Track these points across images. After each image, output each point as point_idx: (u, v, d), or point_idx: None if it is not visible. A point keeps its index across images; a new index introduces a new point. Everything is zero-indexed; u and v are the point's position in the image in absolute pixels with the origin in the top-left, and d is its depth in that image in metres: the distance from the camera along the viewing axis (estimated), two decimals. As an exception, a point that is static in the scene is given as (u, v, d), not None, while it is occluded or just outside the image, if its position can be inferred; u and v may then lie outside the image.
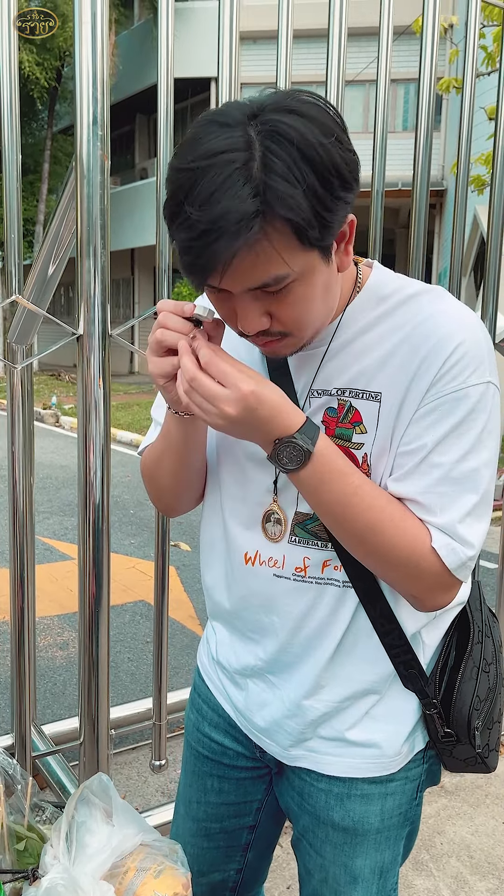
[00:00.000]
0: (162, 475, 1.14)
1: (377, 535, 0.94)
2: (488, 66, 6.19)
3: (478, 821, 2.46)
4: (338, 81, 2.02)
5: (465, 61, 2.32)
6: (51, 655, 3.64)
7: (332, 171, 0.81)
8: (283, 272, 0.85)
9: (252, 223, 0.79)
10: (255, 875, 1.34)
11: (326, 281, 0.91)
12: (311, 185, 0.80)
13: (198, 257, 0.83)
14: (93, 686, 1.89)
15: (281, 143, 0.79)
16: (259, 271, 0.84)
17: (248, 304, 0.89)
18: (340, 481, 0.93)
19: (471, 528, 0.95)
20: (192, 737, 1.29)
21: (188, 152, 0.82)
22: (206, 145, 0.81)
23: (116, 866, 0.87)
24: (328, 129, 0.82)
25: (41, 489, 7.04)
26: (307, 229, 0.82)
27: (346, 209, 0.86)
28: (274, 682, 1.12)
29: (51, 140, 18.31)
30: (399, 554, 0.94)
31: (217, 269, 0.83)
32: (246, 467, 1.08)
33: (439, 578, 0.95)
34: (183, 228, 0.83)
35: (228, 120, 0.82)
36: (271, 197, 0.79)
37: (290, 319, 0.91)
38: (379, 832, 1.12)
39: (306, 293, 0.89)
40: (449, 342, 0.93)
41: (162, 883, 0.86)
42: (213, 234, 0.80)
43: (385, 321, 0.98)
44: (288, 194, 0.79)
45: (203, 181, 0.80)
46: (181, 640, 3.81)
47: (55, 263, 1.96)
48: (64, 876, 0.80)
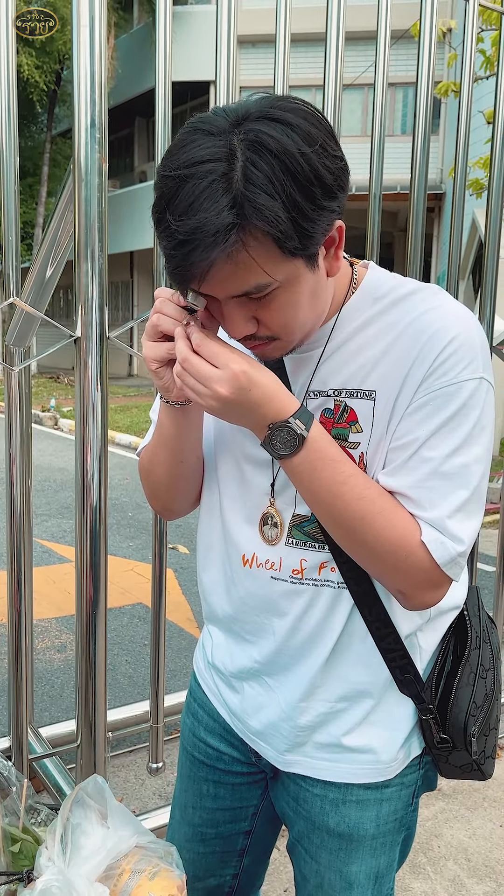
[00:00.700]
0: (156, 471, 1.14)
1: (367, 526, 0.94)
2: (486, 70, 6.21)
3: (475, 824, 2.46)
4: (336, 85, 2.02)
5: (462, 65, 2.33)
6: (48, 658, 3.64)
7: (314, 181, 0.82)
8: (265, 281, 0.85)
9: (228, 235, 0.80)
10: (251, 880, 1.34)
11: (313, 287, 0.91)
12: (291, 196, 0.80)
13: (178, 265, 0.84)
14: (90, 688, 1.88)
15: (262, 153, 0.80)
16: (239, 280, 0.85)
17: (233, 310, 0.89)
18: (332, 469, 0.94)
19: (461, 524, 0.94)
20: (187, 741, 1.29)
21: (172, 160, 0.83)
22: (189, 154, 0.82)
23: (111, 868, 0.87)
24: (312, 138, 0.82)
25: (39, 492, 7.04)
26: (286, 240, 0.82)
27: (331, 217, 0.86)
28: (270, 684, 1.12)
29: (50, 143, 18.34)
30: (388, 547, 0.94)
31: (195, 277, 0.84)
32: (244, 469, 1.09)
33: (428, 574, 0.95)
34: (164, 236, 0.84)
35: (212, 128, 0.82)
36: (249, 209, 0.79)
37: (277, 325, 0.91)
38: (374, 838, 1.12)
39: (291, 300, 0.89)
40: (442, 337, 0.93)
41: (157, 885, 0.87)
42: (190, 244, 0.81)
43: (380, 320, 0.99)
44: (266, 206, 0.79)
45: (183, 190, 0.81)
46: (179, 642, 3.81)
47: (53, 266, 1.97)
48: (59, 878, 0.80)
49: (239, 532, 1.10)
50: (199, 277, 0.84)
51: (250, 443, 1.06)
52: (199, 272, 0.83)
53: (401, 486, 0.95)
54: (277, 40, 1.98)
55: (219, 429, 1.12)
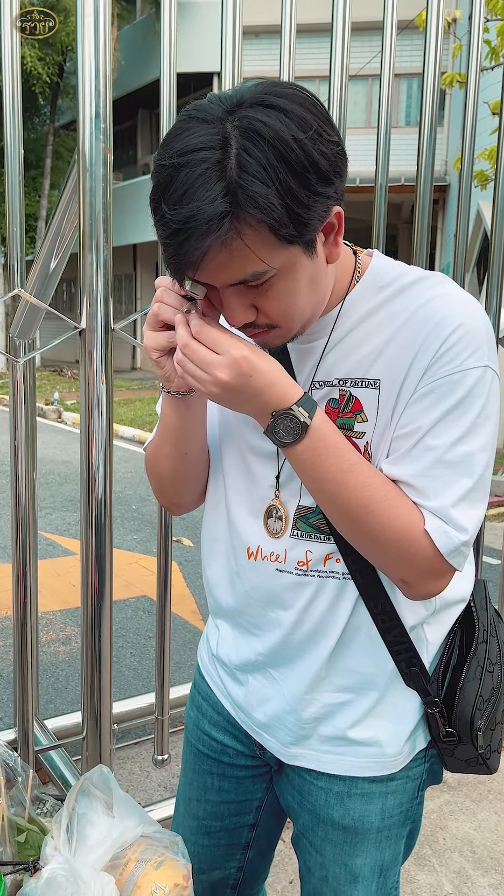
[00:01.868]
0: (161, 464, 1.14)
1: (371, 515, 0.93)
2: (492, 61, 6.17)
3: (480, 816, 2.46)
4: (341, 76, 2.01)
5: (468, 56, 2.31)
6: (54, 650, 3.65)
7: (309, 168, 0.81)
8: (261, 269, 0.85)
9: (222, 223, 0.79)
10: (256, 873, 1.34)
11: (312, 274, 0.90)
12: (285, 183, 0.80)
13: (173, 254, 0.84)
14: (95, 681, 1.89)
15: (255, 140, 0.79)
16: (235, 268, 0.84)
17: (231, 298, 0.89)
18: (336, 457, 0.93)
19: (465, 513, 0.94)
20: (192, 734, 1.29)
21: (167, 148, 0.83)
22: (183, 142, 0.81)
23: (117, 857, 0.87)
24: (306, 124, 0.81)
25: (43, 485, 7.05)
26: (280, 227, 0.81)
27: (328, 203, 0.85)
28: (275, 676, 1.12)
29: (53, 135, 18.30)
30: (392, 535, 0.94)
31: (191, 266, 0.84)
32: (249, 461, 1.08)
33: (431, 563, 0.94)
34: (160, 225, 0.84)
35: (206, 116, 0.82)
36: (242, 196, 0.79)
37: (276, 312, 0.91)
38: (379, 831, 1.12)
39: (290, 287, 0.89)
40: (447, 325, 0.92)
41: (163, 874, 0.87)
42: (184, 233, 0.81)
43: (385, 308, 0.98)
44: (260, 193, 0.79)
45: (177, 179, 0.80)
46: (183, 635, 3.81)
47: (57, 258, 1.96)
48: (65, 867, 0.80)
49: (244, 525, 1.09)
50: (195, 266, 0.84)
51: (255, 435, 1.06)
52: (193, 260, 0.83)
53: (404, 474, 0.95)
54: (283, 31, 1.97)
55: (224, 421, 1.12)
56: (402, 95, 15.38)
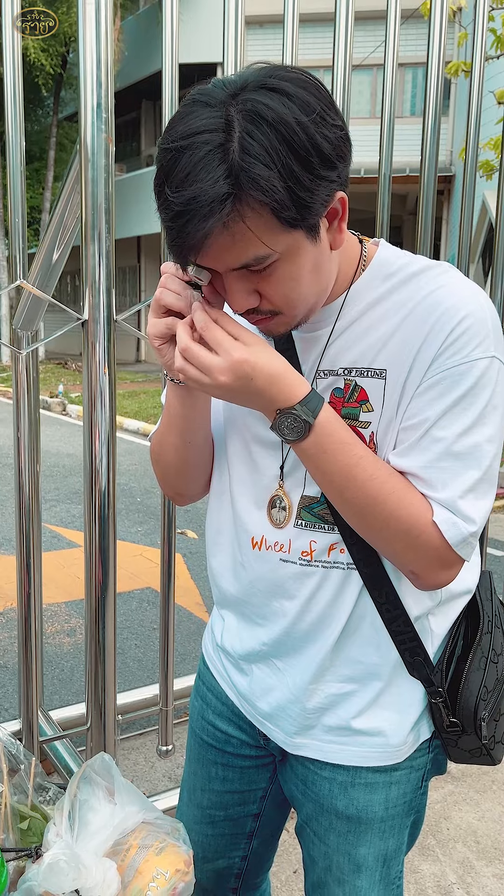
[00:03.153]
0: (166, 453, 1.14)
1: (378, 507, 0.93)
2: (497, 50, 6.13)
3: (484, 806, 2.47)
4: (345, 66, 2.00)
5: (474, 45, 2.30)
6: (58, 642, 3.66)
7: (312, 151, 0.81)
8: (264, 252, 0.85)
9: (223, 205, 0.79)
10: (260, 862, 1.34)
11: (316, 259, 0.90)
12: (288, 166, 0.80)
13: (175, 237, 0.84)
14: (100, 672, 1.89)
15: (258, 124, 0.79)
16: (237, 252, 0.84)
17: (234, 282, 0.89)
18: (343, 452, 0.93)
19: (473, 505, 0.93)
20: (196, 725, 1.29)
21: (171, 132, 0.83)
22: (186, 125, 0.81)
23: (119, 843, 0.88)
24: (309, 107, 0.81)
25: (48, 477, 7.06)
26: (283, 210, 0.81)
27: (331, 187, 0.85)
28: (279, 666, 1.12)
29: (56, 127, 18.26)
30: (400, 527, 0.94)
31: (193, 249, 0.84)
32: (253, 451, 1.08)
33: (440, 553, 0.94)
34: (162, 209, 0.84)
35: (210, 99, 0.82)
36: (245, 178, 0.79)
37: (279, 298, 0.90)
38: (383, 821, 1.12)
39: (293, 272, 0.88)
40: (454, 315, 0.92)
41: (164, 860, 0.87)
42: (186, 215, 0.80)
43: (390, 298, 0.97)
44: (262, 176, 0.79)
45: (180, 162, 0.80)
46: (188, 626, 3.82)
47: (60, 249, 1.96)
48: (66, 852, 0.80)
49: (248, 515, 1.09)
50: (197, 249, 0.84)
51: (259, 425, 1.06)
52: (195, 243, 0.83)
53: (412, 466, 0.95)
54: (286, 20, 1.95)
55: (228, 411, 1.11)
56: (407, 85, 15.28)
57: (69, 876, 0.78)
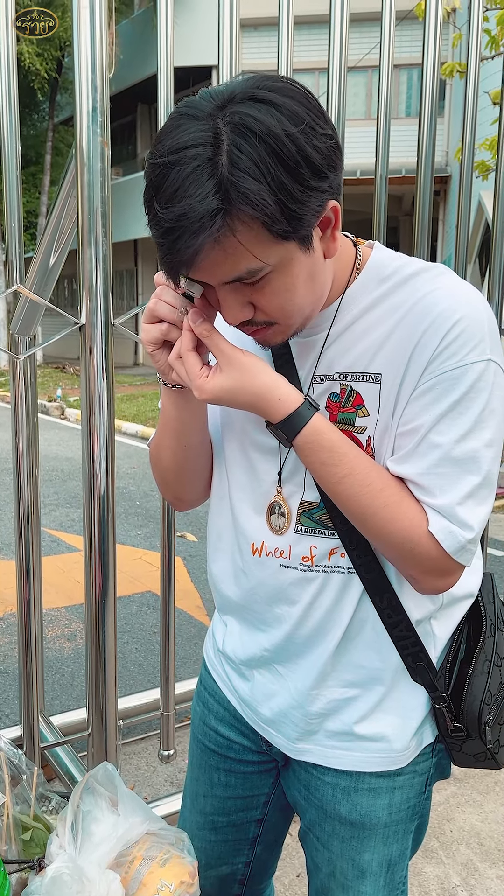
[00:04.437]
0: (163, 457, 1.14)
1: (370, 519, 0.94)
2: (492, 50, 6.14)
3: (487, 808, 2.46)
4: (340, 68, 2.00)
5: (469, 46, 2.30)
6: (59, 647, 3.65)
7: (301, 162, 0.80)
8: (256, 266, 0.84)
9: (214, 220, 0.79)
10: (263, 868, 1.34)
11: (310, 269, 0.90)
12: (278, 178, 0.79)
13: (167, 253, 0.84)
14: (100, 677, 1.89)
15: (247, 136, 0.78)
16: (230, 266, 0.84)
17: (227, 295, 0.89)
18: (323, 472, 0.95)
19: (471, 511, 0.93)
20: (198, 730, 1.28)
21: (159, 146, 0.82)
22: (175, 139, 0.81)
23: (122, 855, 0.87)
24: (298, 118, 0.80)
25: (47, 481, 7.06)
26: (274, 224, 0.81)
27: (322, 197, 0.84)
28: (281, 672, 1.12)
29: (52, 131, 18.26)
30: (393, 539, 0.94)
31: (185, 264, 0.84)
32: (252, 457, 1.08)
33: (436, 563, 0.94)
34: (153, 224, 0.84)
35: (197, 112, 0.81)
36: (234, 193, 0.78)
37: (274, 309, 0.90)
38: (387, 826, 1.11)
39: (286, 283, 0.88)
40: (448, 318, 0.91)
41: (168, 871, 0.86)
42: (177, 231, 0.80)
43: (385, 301, 0.97)
44: (252, 190, 0.78)
45: (169, 177, 0.80)
46: (188, 630, 3.82)
47: (56, 253, 1.95)
48: (69, 865, 0.80)
49: (247, 521, 1.09)
50: (189, 264, 0.84)
51: (257, 430, 1.06)
52: (187, 259, 0.82)
53: (410, 472, 0.94)
54: (280, 23, 1.95)
55: (226, 416, 1.11)
56: (403, 86, 15.29)
57: (72, 889, 0.77)
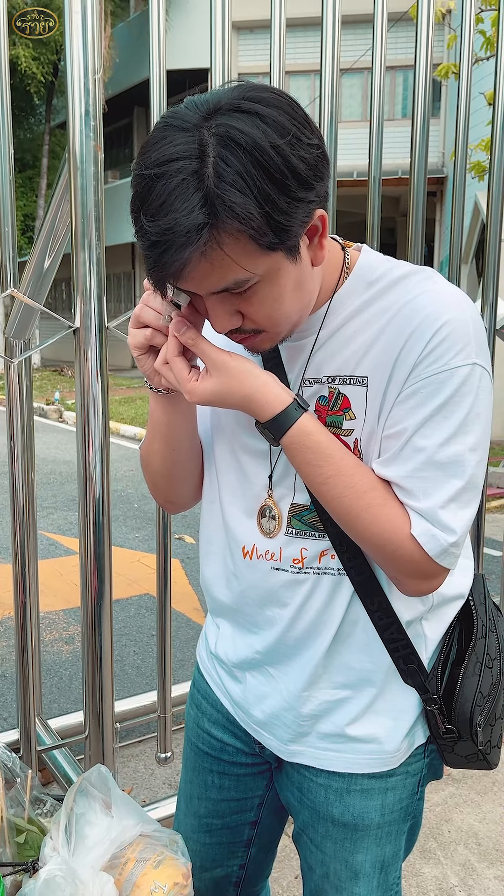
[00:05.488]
0: (153, 461, 1.14)
1: (353, 521, 0.95)
2: (487, 51, 6.15)
3: (485, 808, 2.46)
4: (333, 70, 2.00)
5: (462, 47, 2.30)
6: (57, 650, 3.65)
7: (288, 174, 0.80)
8: (243, 276, 0.84)
9: (200, 234, 0.79)
10: (258, 870, 1.34)
11: (297, 278, 0.90)
12: (264, 191, 0.79)
13: (153, 265, 0.84)
14: (97, 680, 1.89)
15: (232, 149, 0.78)
16: (216, 277, 0.84)
17: (215, 305, 0.89)
18: (308, 472, 0.96)
19: (454, 515, 0.93)
20: (191, 733, 1.28)
21: (144, 157, 0.82)
22: (160, 151, 0.81)
23: (116, 857, 0.87)
24: (284, 129, 0.80)
25: (45, 484, 7.05)
26: (261, 236, 0.81)
27: (309, 208, 0.84)
28: (273, 674, 1.12)
29: (49, 135, 18.28)
30: (376, 541, 0.95)
31: (172, 276, 0.84)
32: (242, 460, 1.08)
33: (419, 566, 0.94)
34: (139, 236, 0.84)
35: (183, 123, 0.81)
36: (220, 207, 0.78)
37: (261, 318, 0.91)
38: (380, 827, 1.11)
39: (274, 293, 0.88)
40: (433, 322, 0.91)
41: (162, 873, 0.86)
42: (163, 245, 0.80)
43: (373, 305, 0.97)
44: (238, 203, 0.78)
45: (155, 189, 0.80)
46: (186, 632, 3.81)
47: (51, 257, 1.96)
48: (63, 867, 0.80)
49: (238, 524, 1.09)
50: (176, 276, 0.84)
51: (247, 433, 1.06)
52: (174, 271, 0.83)
53: (394, 475, 0.95)
54: (273, 25, 1.96)
55: (216, 421, 1.11)
56: (398, 88, 15.30)
57: (66, 891, 0.77)
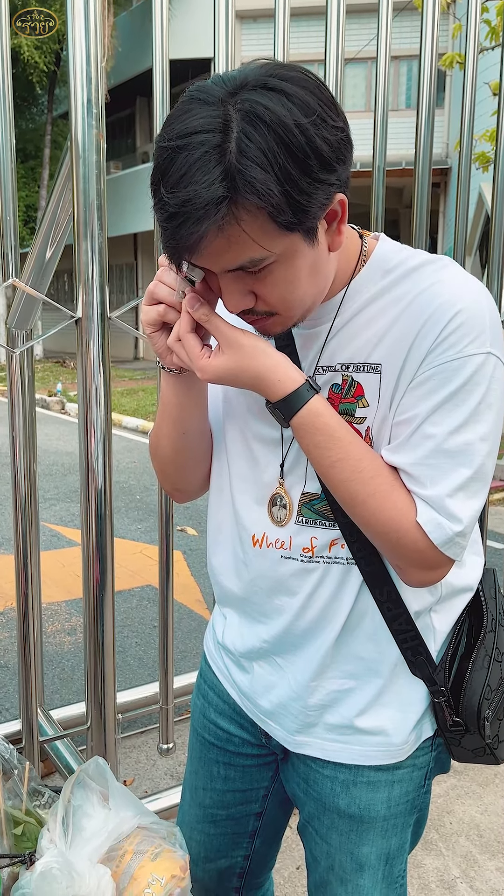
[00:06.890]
0: (162, 445, 1.14)
1: (358, 506, 0.94)
2: (492, 41, 6.11)
3: (487, 800, 2.46)
4: (337, 60, 1.99)
5: (467, 36, 2.28)
6: (59, 641, 3.66)
7: (310, 154, 0.79)
8: (260, 255, 0.84)
9: (219, 208, 0.78)
10: (262, 861, 1.34)
11: (313, 262, 0.89)
12: (285, 169, 0.78)
13: (170, 238, 0.83)
14: (99, 671, 1.89)
15: (256, 125, 0.78)
16: (233, 254, 0.83)
17: (229, 283, 0.88)
18: (316, 454, 0.95)
19: (461, 504, 0.92)
20: (198, 723, 1.28)
21: (168, 129, 0.81)
22: (184, 123, 0.80)
23: (113, 849, 0.87)
24: (309, 109, 0.80)
25: (48, 476, 7.06)
26: (279, 214, 0.80)
27: (329, 190, 0.84)
28: (280, 663, 1.12)
29: (51, 125, 18.22)
30: (380, 528, 0.94)
31: (187, 250, 0.83)
32: (254, 448, 1.08)
33: (424, 554, 0.94)
34: (158, 208, 0.83)
35: (209, 97, 0.80)
36: (241, 182, 0.78)
37: (275, 299, 0.90)
38: (386, 819, 1.11)
39: (289, 274, 0.87)
40: (448, 310, 0.90)
41: (159, 866, 0.86)
42: (181, 217, 0.80)
43: (388, 293, 0.96)
44: (259, 179, 0.77)
45: (176, 161, 0.79)
46: (188, 624, 3.82)
47: (53, 247, 1.94)
48: (59, 860, 0.80)
49: (248, 512, 1.09)
50: (191, 250, 0.83)
51: (260, 421, 1.06)
52: (190, 245, 0.82)
53: (402, 462, 0.94)
54: (277, 15, 1.94)
55: (227, 408, 1.11)
56: (403, 78, 15.20)
57: (62, 883, 0.77)
